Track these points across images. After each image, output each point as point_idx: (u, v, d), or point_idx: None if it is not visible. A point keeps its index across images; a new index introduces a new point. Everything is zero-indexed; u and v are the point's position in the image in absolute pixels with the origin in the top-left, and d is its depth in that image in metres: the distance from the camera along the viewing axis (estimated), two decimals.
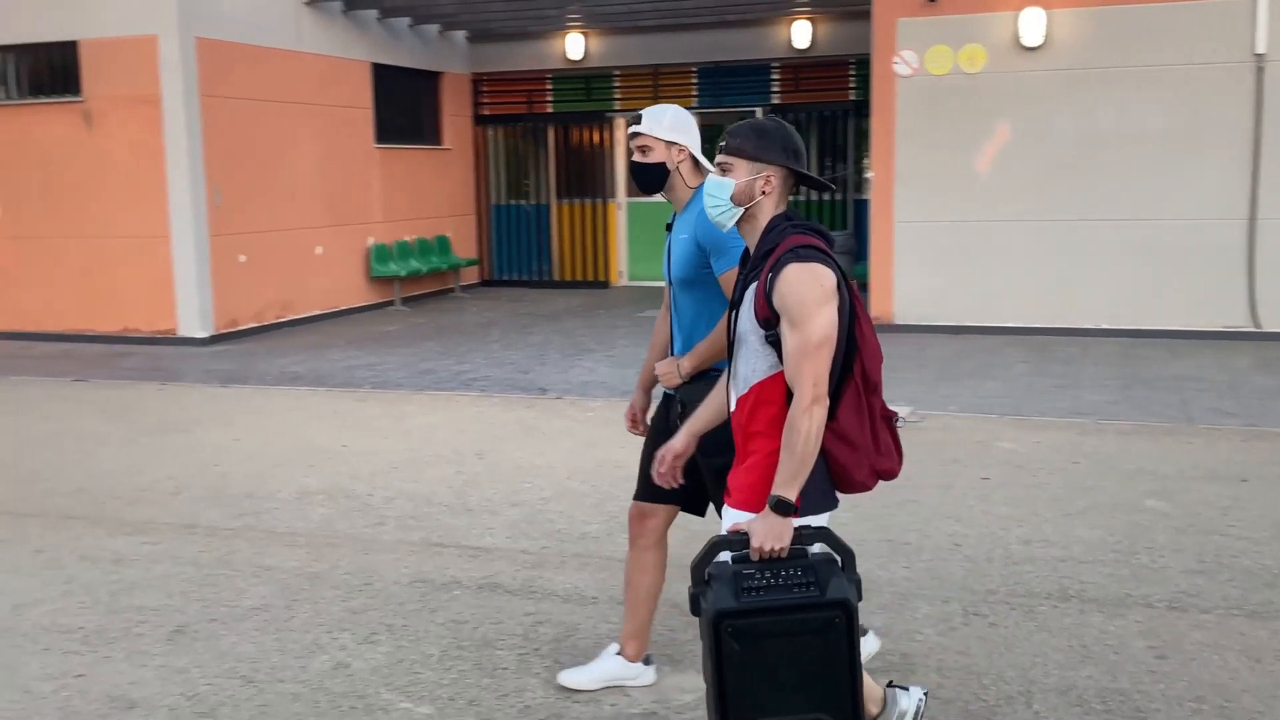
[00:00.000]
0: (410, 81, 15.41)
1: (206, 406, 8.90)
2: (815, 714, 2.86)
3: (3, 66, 12.38)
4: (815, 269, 2.90)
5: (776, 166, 3.02)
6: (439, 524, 5.88)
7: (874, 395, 3.03)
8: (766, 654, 2.82)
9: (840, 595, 2.82)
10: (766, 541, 2.85)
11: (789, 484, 2.86)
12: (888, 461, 3.04)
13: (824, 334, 2.87)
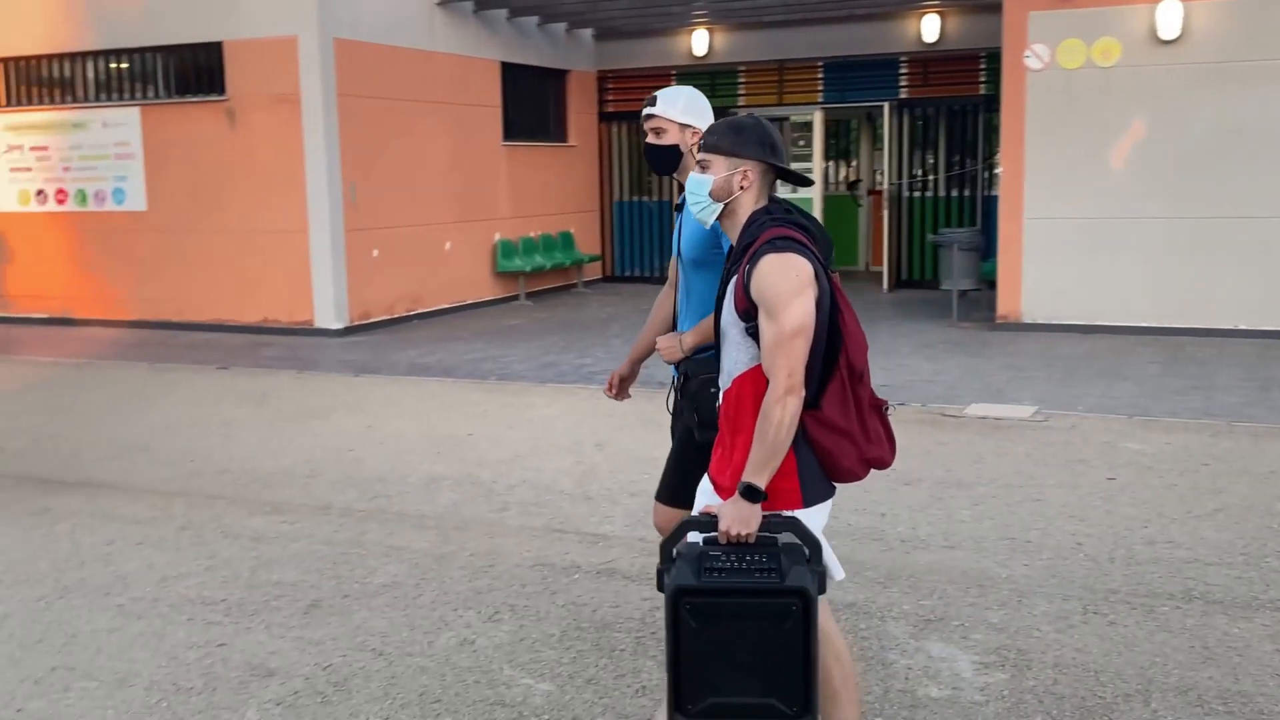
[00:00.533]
0: (537, 80, 15.68)
1: (341, 394, 9.23)
2: (766, 699, 2.90)
3: (152, 66, 12.98)
4: (790, 259, 2.92)
5: (753, 161, 3.05)
6: (560, 511, 6.03)
7: (859, 384, 3.03)
8: (723, 634, 2.88)
9: (799, 584, 2.85)
10: (734, 526, 2.89)
11: (759, 471, 2.90)
12: (878, 449, 3.05)
13: (799, 323, 2.88)
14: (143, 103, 12.92)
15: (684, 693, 2.92)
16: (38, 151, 13.38)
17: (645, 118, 3.76)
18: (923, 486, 6.30)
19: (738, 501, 2.90)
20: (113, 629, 4.61)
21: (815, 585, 2.87)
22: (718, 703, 2.91)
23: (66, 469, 7.09)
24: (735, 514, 2.89)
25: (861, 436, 3.02)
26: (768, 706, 2.90)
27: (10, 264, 13.81)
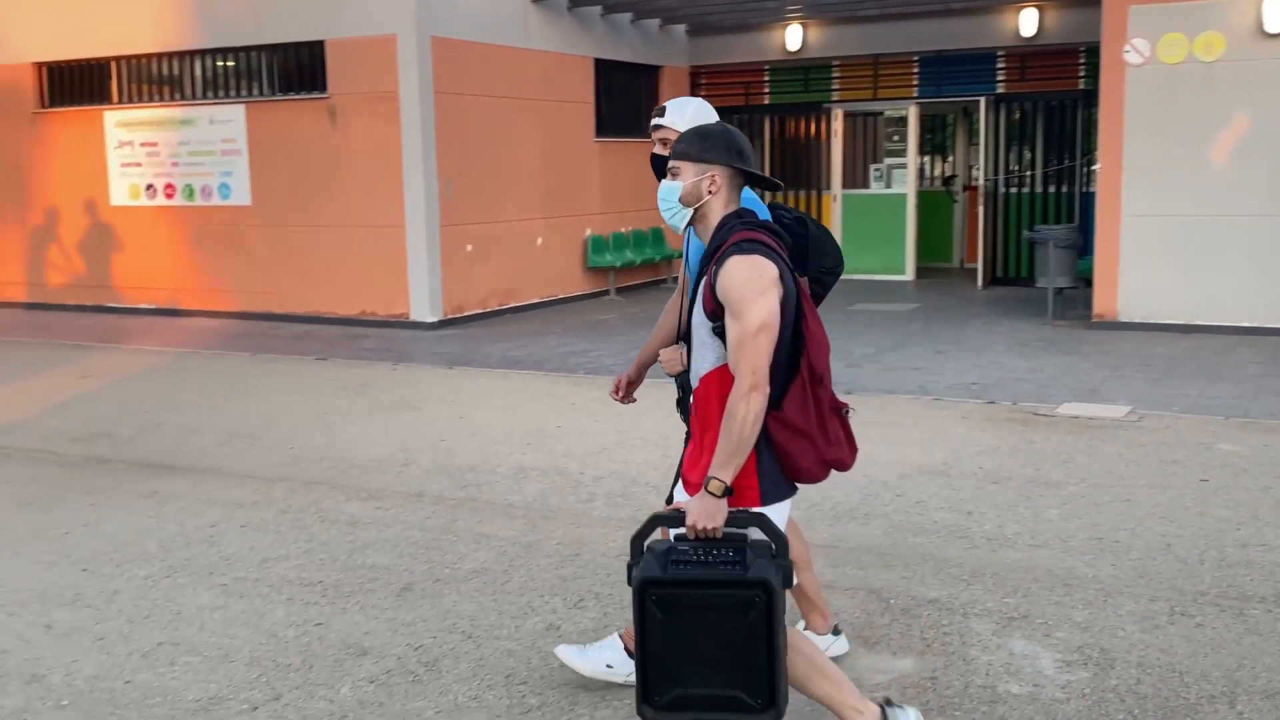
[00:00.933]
0: (631, 76, 15.79)
1: (434, 386, 9.44)
2: (732, 691, 2.93)
3: (258, 65, 13.37)
4: (755, 260, 2.99)
5: (721, 166, 3.12)
6: (645, 502, 6.12)
7: (820, 387, 3.08)
8: (688, 626, 2.92)
9: (761, 576, 2.89)
10: (700, 520, 2.95)
11: (724, 466, 2.95)
12: (837, 451, 3.11)
13: (762, 322, 2.94)
14: (248, 100, 13.31)
15: (651, 684, 2.97)
16: (148, 147, 13.85)
17: (654, 128, 3.82)
18: (1011, 485, 6.27)
19: (704, 496, 2.96)
20: (216, 607, 4.81)
21: (779, 578, 2.91)
22: (684, 694, 2.95)
23: (174, 454, 7.38)
24: (701, 509, 2.96)
25: (821, 438, 3.07)
26: (733, 699, 2.93)
27: (120, 256, 14.32)
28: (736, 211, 3.15)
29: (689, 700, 2.96)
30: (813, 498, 6.11)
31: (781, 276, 3.03)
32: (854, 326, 12.00)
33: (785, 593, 2.98)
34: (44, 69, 14.57)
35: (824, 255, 3.87)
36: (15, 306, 14.99)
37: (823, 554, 5.27)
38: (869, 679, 4.04)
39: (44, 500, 6.39)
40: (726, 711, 2.94)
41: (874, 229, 16.30)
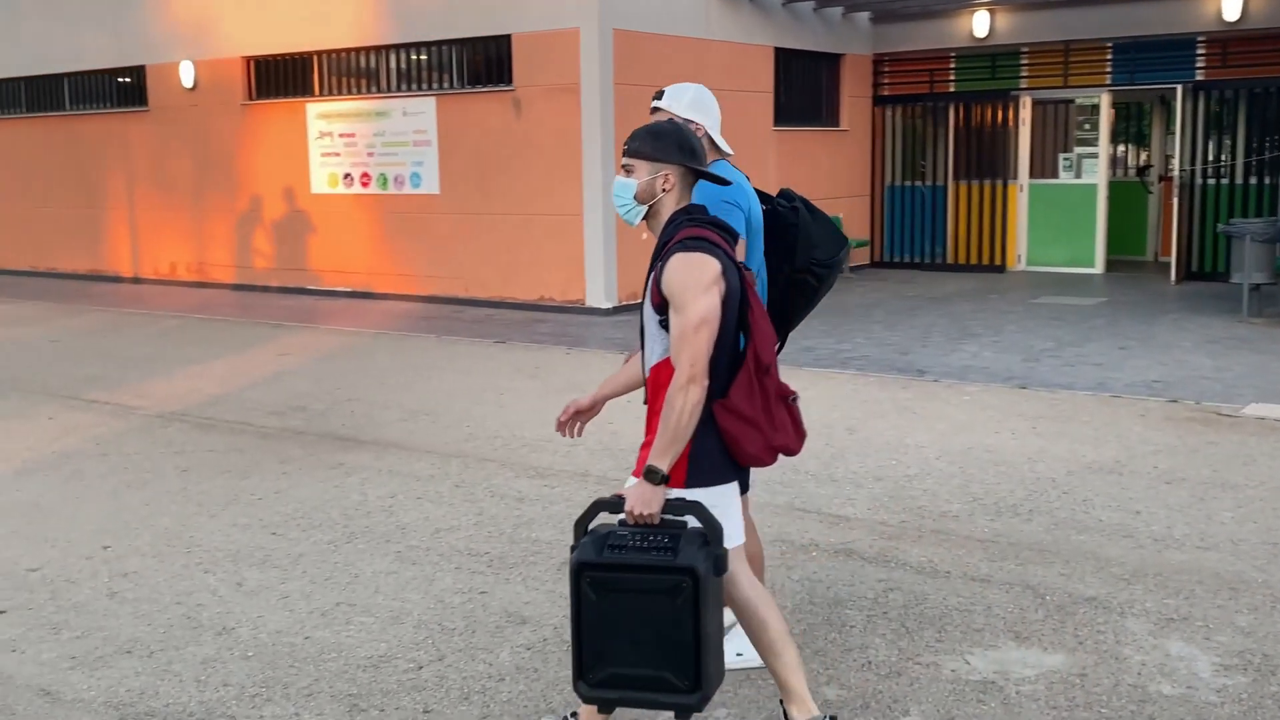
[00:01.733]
0: (811, 64, 15.73)
1: (605, 371, 9.66)
2: (660, 672, 3.03)
3: (448, 59, 13.88)
4: (698, 258, 3.09)
5: (674, 165, 3.23)
6: (803, 491, 6.18)
7: (765, 376, 3.18)
8: (621, 608, 3.03)
9: (689, 563, 2.98)
10: (637, 506, 3.06)
11: (662, 455, 3.06)
12: (783, 437, 3.22)
13: (701, 317, 3.04)
14: (438, 93, 13.84)
15: (585, 663, 3.10)
16: (345, 138, 14.55)
17: (652, 110, 3.89)
18: (1185, 486, 6.08)
19: (641, 483, 3.08)
20: (390, 572, 5.11)
21: (708, 566, 3.00)
22: (616, 673, 3.08)
23: (360, 428, 7.80)
24: (638, 495, 3.07)
25: (767, 425, 3.18)
26: (661, 679, 3.04)
27: (318, 241, 15.08)
28: (686, 208, 3.26)
29: (621, 679, 3.08)
30: (976, 492, 6.07)
31: (725, 272, 3.13)
32: (1035, 320, 11.72)
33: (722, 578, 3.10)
34: (252, 63, 15.45)
35: (815, 247, 3.87)
36: (224, 287, 15.96)
37: (981, 548, 5.25)
38: (1017, 671, 4.03)
39: (241, 468, 6.87)
40: (655, 692, 3.06)
41: (1062, 220, 15.83)
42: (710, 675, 3.06)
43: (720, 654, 3.13)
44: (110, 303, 14.90)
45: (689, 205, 3.29)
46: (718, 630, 3.10)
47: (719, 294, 3.10)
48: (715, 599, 3.06)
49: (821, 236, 3.90)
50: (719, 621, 3.11)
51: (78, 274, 17.75)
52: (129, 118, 16.82)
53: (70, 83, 17.75)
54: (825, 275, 3.90)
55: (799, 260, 3.86)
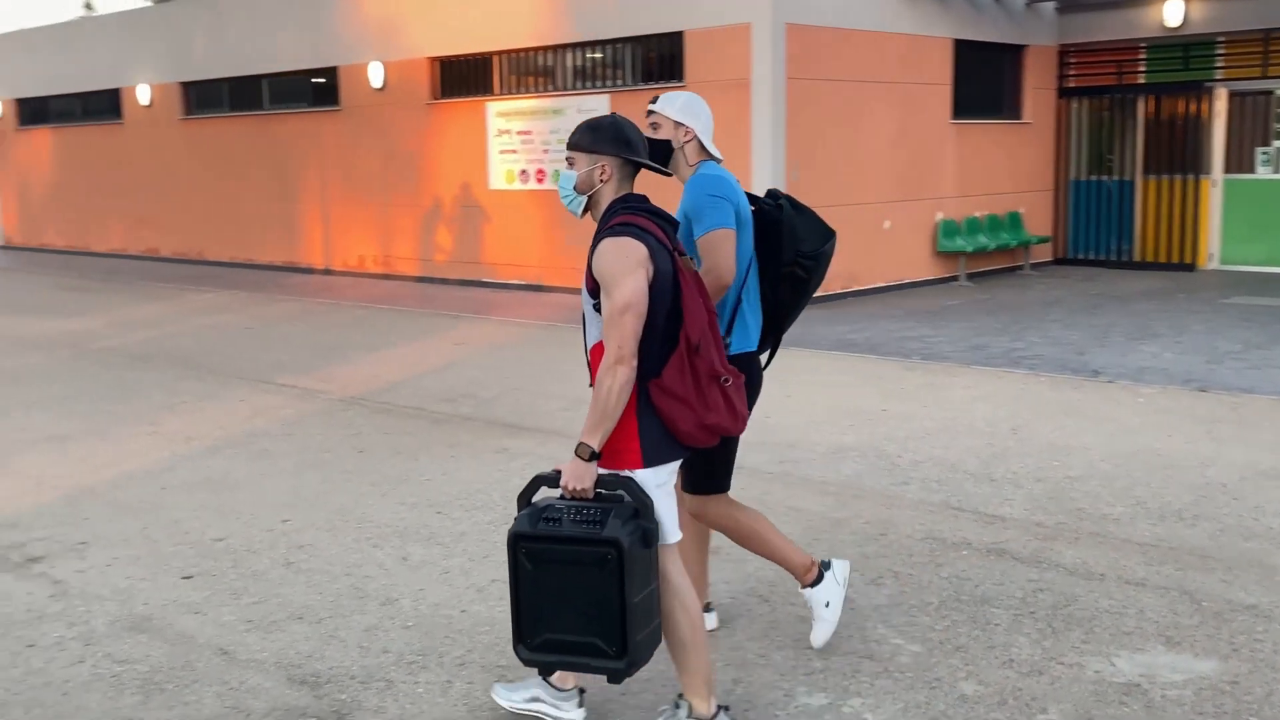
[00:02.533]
0: (992, 56, 15.38)
1: None
2: (590, 638, 3.23)
3: (622, 56, 14.11)
4: (624, 242, 3.22)
5: (610, 156, 3.36)
6: (960, 490, 6.12)
7: (697, 356, 3.26)
8: (554, 577, 3.23)
9: (614, 535, 3.15)
10: (570, 481, 3.23)
11: (592, 432, 3.20)
12: (715, 416, 3.29)
13: (627, 300, 3.16)
14: (612, 90, 14.08)
15: (523, 628, 3.33)
16: (522, 135, 14.95)
17: (647, 113, 4.09)
18: None
19: (574, 460, 3.23)
20: None
21: (633, 539, 3.17)
22: (551, 638, 3.30)
23: (525, 416, 8.06)
24: (571, 471, 3.24)
25: (699, 404, 3.27)
26: (591, 645, 3.24)
27: (494, 235, 15.55)
28: (624, 197, 3.39)
29: (556, 644, 3.30)
30: (1140, 496, 5.90)
31: (653, 256, 3.24)
32: (1224, 321, 11.22)
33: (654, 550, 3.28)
34: (437, 63, 16.02)
35: (800, 240, 4.00)
36: (407, 279, 16.61)
37: (1139, 552, 5.12)
38: (1164, 676, 3.93)
39: (412, 450, 7.19)
40: (587, 656, 3.27)
41: (1259, 217, 15.08)
42: (639, 643, 3.24)
43: (650, 623, 3.30)
44: (302, 293, 15.70)
45: (627, 194, 3.40)
46: (647, 599, 3.26)
47: (646, 277, 3.21)
48: (641, 570, 3.22)
49: (806, 230, 4.04)
50: (648, 591, 3.27)
51: (273, 265, 18.73)
52: (322, 117, 17.65)
53: (269, 83, 18.74)
54: (813, 267, 4.03)
55: (786, 254, 4.02)
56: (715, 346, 3.35)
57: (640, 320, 3.19)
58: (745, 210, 4.02)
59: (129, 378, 9.84)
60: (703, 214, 3.91)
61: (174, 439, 7.61)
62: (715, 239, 3.86)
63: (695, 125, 4.07)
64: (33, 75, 23.56)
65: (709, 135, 4.11)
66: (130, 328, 12.89)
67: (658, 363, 3.26)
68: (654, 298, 3.23)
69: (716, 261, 3.85)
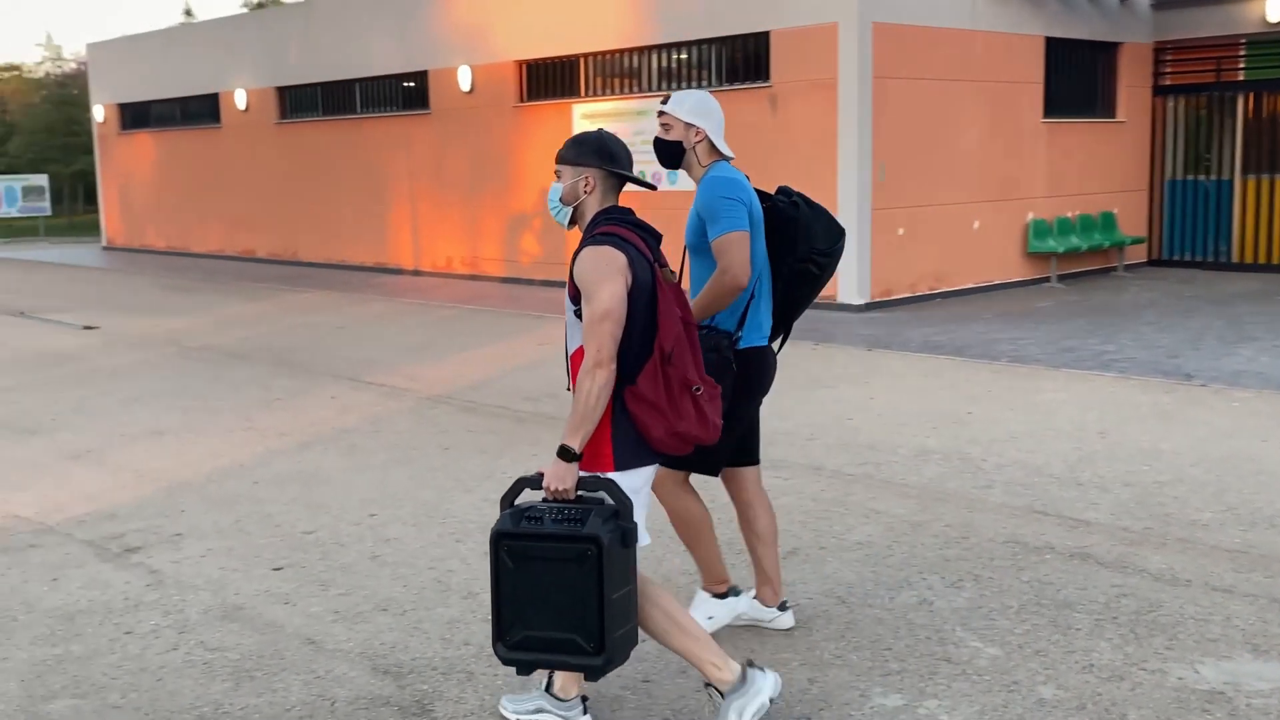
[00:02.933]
0: (1085, 53, 15.12)
1: (850, 366, 9.68)
2: (570, 635, 3.29)
3: (707, 57, 14.14)
4: (605, 251, 3.33)
5: (593, 169, 3.46)
6: (1045, 493, 6.05)
7: (669, 365, 3.33)
8: (534, 574, 3.30)
9: (594, 533, 3.22)
10: (552, 482, 3.31)
11: (572, 434, 3.28)
12: (687, 425, 3.35)
13: (605, 308, 3.26)
14: None
15: (503, 626, 3.38)
16: None
17: (658, 114, 4.14)
18: None
19: (555, 461, 3.31)
20: None
21: (612, 537, 3.24)
22: (530, 636, 3.35)
23: None
24: (553, 472, 3.32)
25: (671, 412, 3.34)
26: (570, 641, 3.30)
27: (577, 236, 15.65)
28: (608, 209, 3.49)
29: (535, 641, 3.36)
30: (1231, 502, 5.79)
31: (632, 265, 3.34)
32: None
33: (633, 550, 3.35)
34: (524, 66, 16.21)
35: (815, 238, 4.08)
36: (493, 280, 16.83)
37: (1228, 558, 5.02)
38: (1249, 684, 3.86)
39: (496, 448, 7.30)
40: (565, 654, 3.34)
41: None
42: (616, 640, 3.31)
43: (628, 622, 3.37)
44: (391, 293, 15.98)
45: (612, 206, 3.51)
46: (625, 598, 3.33)
47: (625, 285, 3.31)
48: (620, 568, 3.30)
49: (820, 228, 4.11)
50: (626, 590, 3.34)
51: (364, 266, 19.09)
52: (412, 120, 17.95)
53: (360, 88, 19.10)
54: (826, 264, 4.12)
55: (800, 251, 4.08)
56: (691, 356, 3.42)
57: (619, 327, 3.29)
58: (757, 210, 4.07)
59: (226, 375, 10.12)
60: (718, 216, 3.95)
61: (267, 434, 7.82)
62: (730, 241, 3.92)
63: (706, 125, 4.10)
64: (135, 81, 24.30)
65: (720, 134, 4.15)
66: (227, 326, 13.25)
67: (633, 370, 3.36)
68: (632, 306, 3.33)
69: (731, 263, 3.91)
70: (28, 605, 4.85)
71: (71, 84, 46.54)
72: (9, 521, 6.01)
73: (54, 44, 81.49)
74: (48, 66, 52.65)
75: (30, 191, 29.70)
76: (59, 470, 7.01)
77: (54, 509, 6.19)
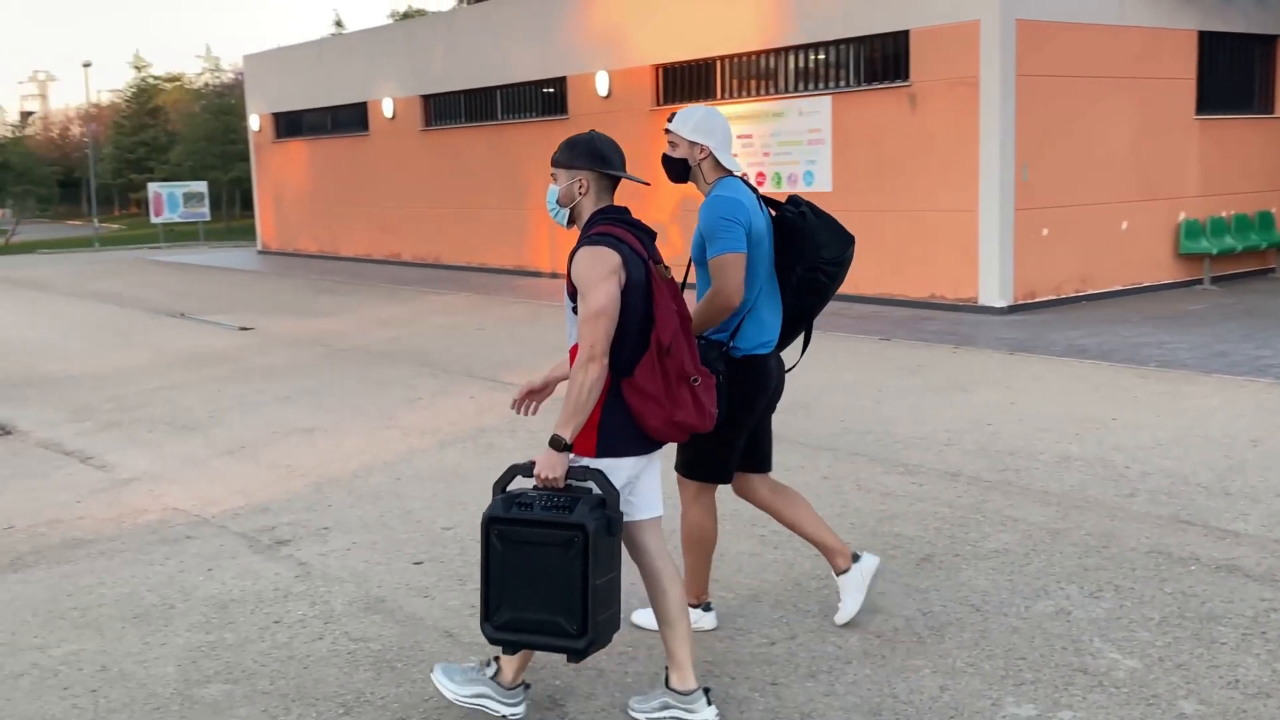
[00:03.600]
0: (1241, 47, 14.54)
1: (990, 370, 9.50)
2: (555, 617, 3.42)
3: (845, 57, 14.02)
4: (599, 251, 3.45)
5: (586, 171, 3.60)
6: (1191, 503, 5.86)
7: (667, 358, 3.48)
8: (523, 558, 3.44)
9: (580, 520, 3.36)
10: (544, 470, 3.43)
11: (565, 425, 3.40)
12: (684, 414, 3.50)
13: (599, 305, 3.38)
14: (834, 91, 14.02)
15: (491, 606, 3.52)
16: (743, 139, 15.06)
17: (664, 131, 4.25)
18: None
19: (548, 450, 3.43)
20: (753, 554, 5.38)
21: (598, 525, 3.38)
22: (517, 617, 3.48)
23: None
24: (544, 460, 3.44)
25: (668, 402, 3.49)
26: (555, 623, 3.43)
27: None
28: (603, 208, 3.63)
29: (520, 622, 3.49)
30: None
31: (626, 264, 3.47)
32: None
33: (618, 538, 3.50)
34: (660, 70, 16.32)
35: (822, 247, 4.15)
36: None
37: None
38: None
39: None
40: (549, 635, 3.46)
41: None
42: (599, 624, 3.45)
43: (610, 608, 3.50)
44: (530, 295, 16.26)
45: (607, 205, 3.65)
46: (609, 584, 3.47)
47: (619, 284, 3.45)
48: (605, 555, 3.44)
49: (828, 237, 4.17)
50: (611, 576, 3.47)
51: (504, 269, 19.46)
52: (551, 125, 18.23)
53: (502, 94, 19.48)
54: (835, 273, 4.18)
55: (808, 260, 4.16)
56: (687, 349, 3.57)
57: (611, 323, 3.42)
58: (759, 228, 4.13)
59: (372, 374, 10.45)
60: (715, 237, 4.05)
61: (410, 432, 8.06)
62: (724, 262, 4.03)
63: (710, 142, 4.18)
64: (288, 91, 25.22)
65: (725, 150, 4.22)
66: (373, 327, 13.67)
67: (630, 362, 3.50)
68: (627, 302, 3.47)
69: (725, 284, 4.02)
70: (184, 594, 5.11)
71: (229, 94, 48.54)
72: (168, 514, 6.33)
73: (212, 55, 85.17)
74: (206, 77, 55.07)
75: (190, 198, 31.11)
76: (215, 465, 7.34)
77: (209, 502, 6.49)
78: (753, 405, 4.20)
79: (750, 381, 4.15)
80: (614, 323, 3.42)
